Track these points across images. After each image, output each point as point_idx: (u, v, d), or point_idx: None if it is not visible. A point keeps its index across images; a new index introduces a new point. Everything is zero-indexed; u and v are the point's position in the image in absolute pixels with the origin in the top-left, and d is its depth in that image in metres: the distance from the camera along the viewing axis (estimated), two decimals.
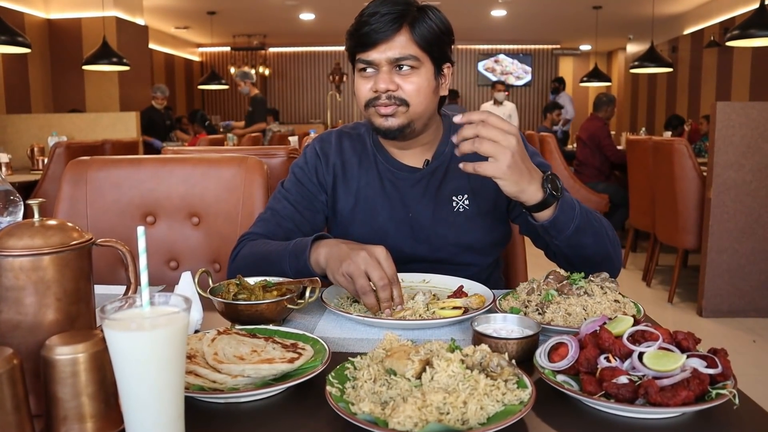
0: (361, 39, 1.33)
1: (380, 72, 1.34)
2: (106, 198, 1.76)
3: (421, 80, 1.35)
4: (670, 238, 4.46)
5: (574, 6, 9.83)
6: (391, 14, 1.31)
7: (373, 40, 1.32)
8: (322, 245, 1.24)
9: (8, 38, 5.16)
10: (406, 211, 1.46)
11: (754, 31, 5.33)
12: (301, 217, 1.47)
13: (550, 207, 1.20)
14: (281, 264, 1.29)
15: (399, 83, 1.34)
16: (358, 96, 1.41)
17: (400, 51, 1.32)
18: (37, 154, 5.49)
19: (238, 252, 1.43)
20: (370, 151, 1.50)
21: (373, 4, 1.35)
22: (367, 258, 1.11)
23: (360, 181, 1.48)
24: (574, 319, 1.07)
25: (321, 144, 1.53)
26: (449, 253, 1.46)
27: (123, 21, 8.28)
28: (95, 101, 8.23)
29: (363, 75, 1.38)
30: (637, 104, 12.38)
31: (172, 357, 0.65)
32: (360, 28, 1.33)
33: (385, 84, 1.33)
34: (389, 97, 1.34)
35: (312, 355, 0.91)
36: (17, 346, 0.75)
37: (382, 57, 1.33)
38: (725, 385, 0.79)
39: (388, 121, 1.36)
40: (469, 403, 0.72)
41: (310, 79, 14.45)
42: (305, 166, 1.51)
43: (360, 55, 1.36)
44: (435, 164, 1.47)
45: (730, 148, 3.83)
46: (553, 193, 1.18)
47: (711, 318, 4.00)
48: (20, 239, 0.77)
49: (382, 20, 1.31)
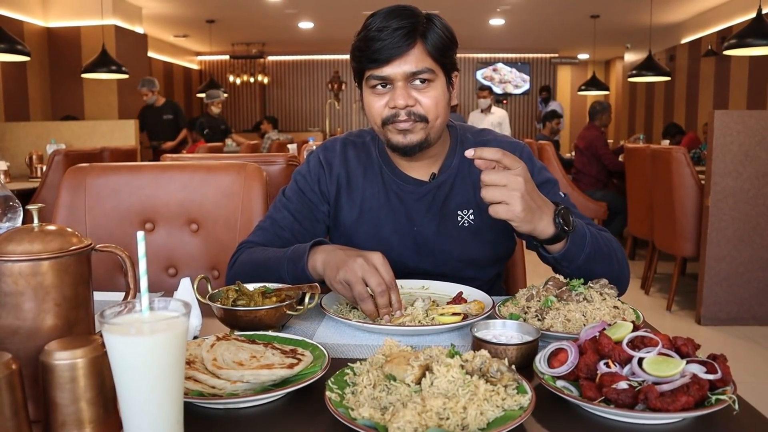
0: (374, 55, 1.29)
1: (396, 88, 1.31)
2: (105, 205, 1.75)
3: (438, 93, 1.33)
4: (668, 246, 4.46)
5: (572, 15, 9.88)
6: (403, 28, 1.27)
7: (386, 56, 1.28)
8: (320, 251, 1.23)
9: (7, 46, 5.17)
10: (410, 224, 1.44)
11: (751, 40, 5.35)
12: (300, 227, 1.46)
13: (561, 240, 1.20)
14: (279, 270, 1.28)
15: (416, 98, 1.31)
16: (371, 114, 1.37)
17: (416, 65, 1.29)
18: (35, 161, 5.48)
19: (236, 259, 1.42)
20: (376, 162, 1.48)
21: (378, 18, 1.31)
22: (364, 264, 1.11)
23: (365, 192, 1.46)
24: (574, 325, 1.07)
25: (325, 153, 1.51)
26: (453, 268, 1.45)
27: (122, 29, 8.31)
28: (94, 109, 8.24)
29: (376, 92, 1.34)
30: (635, 113, 12.42)
31: (171, 362, 0.65)
32: (370, 45, 1.29)
33: (404, 100, 1.30)
34: (408, 113, 1.31)
35: (311, 361, 0.90)
36: (16, 351, 0.75)
37: (397, 72, 1.29)
38: (725, 390, 0.79)
39: (407, 138, 1.33)
40: (469, 408, 0.72)
41: (309, 87, 14.48)
42: (308, 174, 1.49)
43: (372, 71, 1.31)
44: (442, 178, 1.45)
45: (728, 157, 3.84)
46: (565, 228, 1.17)
47: (709, 326, 4.00)
48: (19, 244, 0.77)
49: (395, 35, 1.27)
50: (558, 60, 14.27)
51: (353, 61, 1.36)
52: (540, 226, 1.15)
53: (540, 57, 14.25)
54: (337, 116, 13.98)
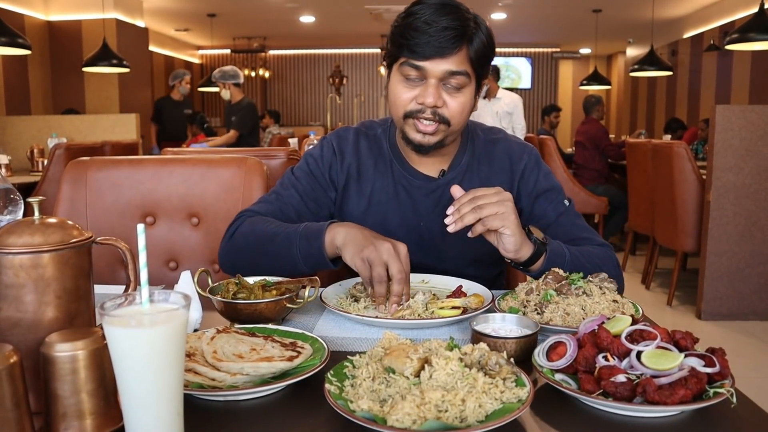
0: (417, 48, 1.26)
1: (428, 84, 1.29)
2: (106, 199, 1.76)
3: (466, 99, 1.32)
4: (669, 241, 4.46)
5: (574, 9, 9.84)
6: (453, 30, 1.25)
7: (430, 53, 1.26)
8: (342, 226, 1.23)
9: (8, 40, 5.16)
10: (417, 220, 1.45)
11: (753, 35, 5.33)
12: (305, 209, 1.44)
13: (540, 258, 1.25)
14: (290, 247, 1.26)
15: (445, 99, 1.30)
16: (395, 103, 1.35)
17: (456, 66, 1.27)
18: (36, 155, 5.49)
19: (237, 228, 1.38)
20: (387, 156, 1.47)
21: (428, 9, 1.26)
22: (390, 249, 1.13)
23: (374, 184, 1.46)
24: (573, 318, 1.07)
25: (338, 140, 1.50)
26: (456, 265, 1.45)
27: (123, 23, 8.29)
28: (95, 103, 8.23)
29: (406, 82, 1.32)
30: (637, 107, 12.39)
31: (171, 354, 0.65)
32: (415, 36, 1.26)
33: (434, 99, 1.28)
34: (434, 113, 1.30)
35: (311, 354, 0.91)
36: (17, 343, 0.76)
37: (436, 69, 1.27)
38: (723, 384, 0.79)
39: (425, 137, 1.33)
40: (468, 400, 0.72)
41: (310, 81, 14.45)
42: (320, 159, 1.48)
43: (409, 59, 1.28)
44: (451, 175, 1.45)
45: (730, 152, 3.84)
46: (541, 241, 1.24)
47: (710, 321, 4.00)
48: (20, 237, 0.77)
49: (444, 35, 1.24)
50: (560, 54, 14.23)
51: (391, 43, 1.33)
52: (525, 248, 1.22)
53: (542, 51, 14.20)
54: (338, 111, 13.96)
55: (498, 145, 1.49)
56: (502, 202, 1.17)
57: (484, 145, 1.49)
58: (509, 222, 1.18)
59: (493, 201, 1.17)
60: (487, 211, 1.16)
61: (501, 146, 1.49)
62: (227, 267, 1.39)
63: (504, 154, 1.48)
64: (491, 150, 1.48)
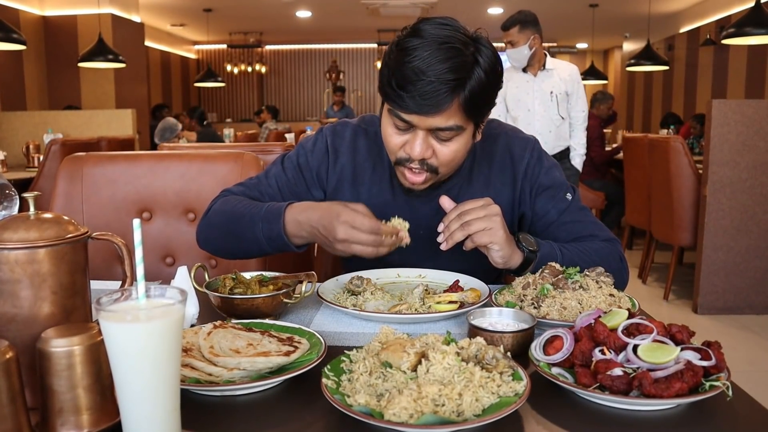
0: (401, 102, 1.18)
1: (416, 135, 1.23)
2: (102, 194, 1.75)
3: (459, 146, 1.25)
4: (665, 236, 4.47)
5: (571, 4, 9.83)
6: (445, 83, 1.14)
7: (415, 109, 1.17)
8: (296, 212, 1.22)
9: (3, 35, 5.14)
10: (416, 228, 1.35)
11: (749, 29, 5.34)
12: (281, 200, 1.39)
13: (530, 265, 1.25)
14: (254, 229, 1.26)
15: (435, 148, 1.24)
16: (386, 144, 1.30)
17: (445, 122, 1.19)
18: (32, 151, 5.47)
19: (212, 205, 1.39)
20: (386, 160, 1.40)
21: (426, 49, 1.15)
22: (346, 231, 1.12)
23: (371, 189, 1.41)
24: (570, 312, 1.07)
25: (333, 137, 1.44)
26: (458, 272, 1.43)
27: (119, 18, 8.26)
28: (91, 98, 8.21)
29: (395, 127, 1.25)
30: (634, 102, 12.40)
31: (167, 349, 0.65)
32: (403, 85, 1.16)
33: (421, 152, 1.23)
34: (422, 163, 1.25)
35: (308, 349, 0.91)
36: (13, 339, 0.75)
37: (423, 124, 1.20)
38: (719, 377, 0.79)
39: (415, 185, 1.31)
40: (465, 394, 0.72)
41: (307, 76, 14.43)
42: (310, 154, 1.43)
43: (397, 109, 1.20)
44: (452, 182, 1.39)
45: (726, 146, 3.84)
46: (530, 249, 1.24)
47: (706, 315, 4.02)
48: (15, 232, 0.77)
49: (433, 90, 1.14)
50: (556, 49, 14.20)
51: (381, 79, 1.23)
52: (515, 257, 1.22)
53: None
54: None
55: (498, 141, 1.43)
56: (489, 217, 1.16)
57: (484, 143, 1.41)
58: (497, 237, 1.17)
59: (480, 216, 1.16)
60: (474, 227, 1.16)
61: (502, 142, 1.43)
62: (202, 243, 1.41)
63: (505, 152, 1.42)
64: (492, 148, 1.42)
